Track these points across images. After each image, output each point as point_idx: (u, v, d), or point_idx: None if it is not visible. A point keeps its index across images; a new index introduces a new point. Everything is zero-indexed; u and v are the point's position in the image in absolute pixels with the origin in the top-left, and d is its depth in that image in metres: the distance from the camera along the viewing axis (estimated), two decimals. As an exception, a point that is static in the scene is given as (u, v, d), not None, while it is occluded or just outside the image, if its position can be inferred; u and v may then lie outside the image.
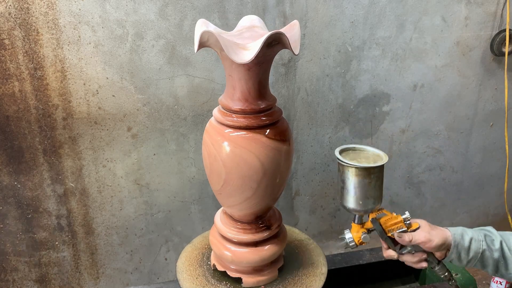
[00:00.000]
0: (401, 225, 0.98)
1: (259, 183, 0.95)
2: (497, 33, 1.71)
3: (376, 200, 0.98)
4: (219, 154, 0.94)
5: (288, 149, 0.98)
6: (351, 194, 0.97)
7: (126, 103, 1.45)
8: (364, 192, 0.96)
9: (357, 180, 0.95)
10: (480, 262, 0.95)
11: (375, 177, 0.95)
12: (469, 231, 0.96)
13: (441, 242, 0.94)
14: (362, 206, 0.97)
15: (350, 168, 0.95)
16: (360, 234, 1.01)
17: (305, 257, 1.19)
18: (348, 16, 1.55)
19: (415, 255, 0.99)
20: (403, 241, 0.97)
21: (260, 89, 0.93)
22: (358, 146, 1.03)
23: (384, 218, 0.99)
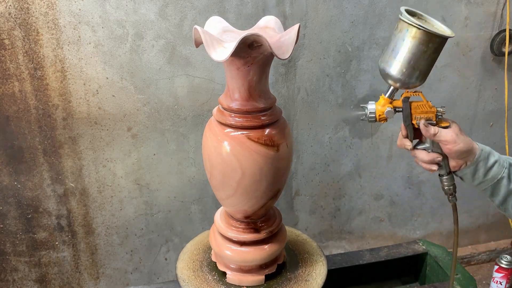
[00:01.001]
0: (431, 116, 0.90)
1: (238, 183, 0.95)
2: (497, 33, 1.71)
3: (420, 75, 0.87)
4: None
5: (276, 155, 0.94)
6: (398, 58, 0.85)
7: (126, 103, 1.45)
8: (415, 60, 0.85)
9: (413, 44, 0.83)
10: (492, 188, 0.90)
11: (432, 48, 0.84)
12: (496, 154, 0.90)
13: (465, 148, 0.87)
14: (404, 76, 0.86)
15: (411, 27, 0.83)
16: (384, 109, 0.92)
17: (305, 257, 1.19)
18: (348, 16, 1.55)
19: (430, 154, 0.92)
20: (427, 132, 0.89)
21: (257, 89, 0.93)
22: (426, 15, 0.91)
23: (416, 102, 0.91)
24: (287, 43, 0.84)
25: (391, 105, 0.92)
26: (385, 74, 0.89)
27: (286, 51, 0.83)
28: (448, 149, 0.89)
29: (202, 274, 1.12)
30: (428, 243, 1.45)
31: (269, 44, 0.80)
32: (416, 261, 1.43)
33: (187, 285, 1.08)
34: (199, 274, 1.12)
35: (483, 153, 0.88)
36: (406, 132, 0.93)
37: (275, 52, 0.81)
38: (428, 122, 0.90)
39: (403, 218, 1.99)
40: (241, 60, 0.86)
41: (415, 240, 1.48)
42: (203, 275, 1.12)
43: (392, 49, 0.86)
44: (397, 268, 1.43)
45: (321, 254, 1.19)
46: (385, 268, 1.40)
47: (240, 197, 0.98)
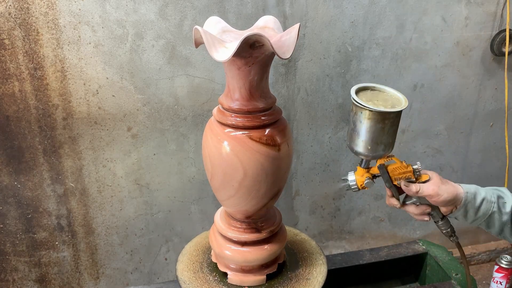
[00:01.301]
0: (409, 175, 0.92)
1: (240, 184, 0.95)
2: (497, 33, 1.71)
3: (386, 147, 0.91)
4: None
5: (278, 155, 0.94)
6: (360, 138, 0.90)
7: (126, 103, 1.45)
8: (375, 137, 0.89)
9: (370, 124, 0.87)
10: (486, 223, 0.92)
11: (389, 123, 0.88)
12: (482, 191, 0.92)
13: (450, 198, 0.89)
14: (370, 152, 0.91)
15: (364, 110, 0.86)
16: (364, 178, 0.95)
17: (304, 256, 1.19)
18: (348, 16, 1.55)
19: (419, 207, 0.94)
20: (410, 191, 0.92)
21: (258, 89, 0.93)
22: (379, 86, 0.94)
23: (392, 165, 0.94)
24: (288, 43, 0.84)
25: (369, 174, 0.96)
26: (355, 152, 0.94)
27: (287, 51, 0.83)
28: (434, 202, 0.92)
29: (203, 275, 1.12)
30: (428, 243, 1.45)
31: (271, 43, 0.80)
32: (416, 261, 1.43)
33: (188, 286, 1.08)
34: (199, 275, 1.12)
35: (469, 195, 0.91)
36: (391, 192, 0.96)
37: (277, 51, 0.81)
38: (408, 181, 0.93)
39: (403, 218, 1.99)
40: (242, 60, 0.87)
41: (415, 240, 1.48)
42: (204, 276, 1.12)
43: (354, 130, 0.91)
44: (397, 268, 1.43)
45: (321, 253, 1.19)
46: (385, 268, 1.40)
47: (242, 197, 0.98)
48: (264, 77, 0.93)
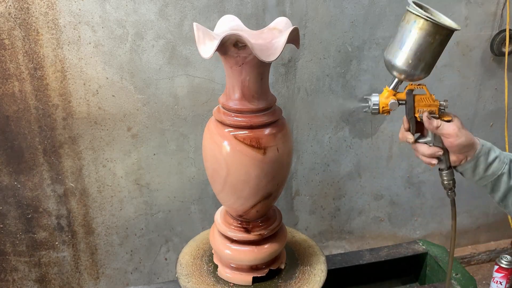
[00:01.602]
0: (434, 109, 0.90)
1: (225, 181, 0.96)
2: (497, 33, 1.71)
3: (426, 67, 0.88)
4: (210, 149, 0.96)
5: (263, 158, 0.93)
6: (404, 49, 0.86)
7: (126, 103, 1.45)
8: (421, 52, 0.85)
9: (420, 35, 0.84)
10: (492, 184, 0.90)
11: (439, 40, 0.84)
12: (497, 150, 0.90)
13: (466, 142, 0.88)
14: (409, 67, 0.87)
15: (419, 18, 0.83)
16: (388, 100, 0.92)
17: (304, 257, 1.19)
18: (348, 16, 1.55)
19: (431, 148, 0.92)
20: (430, 125, 0.89)
21: (252, 89, 0.93)
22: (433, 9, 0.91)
23: (420, 95, 0.91)
24: (275, 46, 0.84)
25: (395, 97, 0.92)
26: (391, 65, 0.89)
27: (271, 54, 0.83)
28: (450, 143, 0.89)
29: (199, 263, 1.15)
30: (428, 243, 1.45)
31: (252, 45, 0.80)
32: (416, 261, 1.43)
33: (183, 269, 1.12)
34: (197, 262, 1.15)
35: (484, 149, 0.89)
36: (409, 125, 0.93)
37: (257, 53, 0.81)
38: (431, 115, 0.90)
39: (403, 218, 1.99)
40: (232, 59, 0.88)
41: (415, 240, 1.48)
42: (200, 263, 1.15)
43: (399, 40, 0.86)
44: (397, 268, 1.43)
45: (321, 253, 1.19)
46: (385, 268, 1.40)
47: (228, 195, 1.00)
48: (259, 78, 0.92)
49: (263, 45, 0.85)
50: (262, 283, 1.09)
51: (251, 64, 0.89)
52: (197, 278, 1.10)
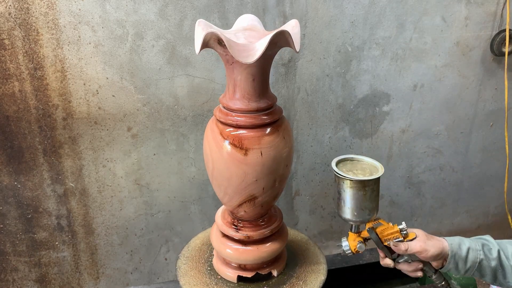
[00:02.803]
0: (397, 235, 0.99)
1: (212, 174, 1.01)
2: (497, 33, 1.71)
3: (371, 211, 1.00)
4: (205, 141, 0.96)
5: (244, 159, 0.93)
6: (346, 205, 0.99)
7: (126, 103, 1.45)
8: (359, 204, 0.98)
9: (352, 192, 0.97)
10: (478, 271, 0.96)
11: (370, 189, 0.97)
12: (466, 241, 0.97)
13: (437, 252, 0.95)
14: (357, 217, 1.00)
15: (345, 180, 0.97)
16: (356, 243, 1.03)
17: (304, 257, 1.19)
18: (348, 16, 1.55)
19: (411, 264, 1.01)
20: (399, 250, 0.99)
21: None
22: (356, 156, 1.05)
23: (380, 227, 1.01)
24: (256, 48, 0.84)
25: (360, 238, 1.04)
26: (343, 219, 1.03)
27: (249, 56, 0.83)
28: (423, 257, 0.98)
29: (199, 252, 1.20)
30: (428, 243, 1.44)
31: (230, 44, 0.81)
32: (416, 261, 1.43)
33: (182, 255, 1.18)
34: (197, 251, 1.20)
35: (454, 246, 0.96)
36: (384, 253, 1.03)
37: (234, 54, 0.82)
38: (397, 241, 0.99)
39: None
40: (223, 58, 0.90)
41: (415, 240, 1.48)
42: (200, 253, 1.20)
43: (340, 198, 1.00)
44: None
45: (321, 254, 1.19)
46: (385, 268, 1.40)
47: (216, 188, 1.03)
48: (249, 79, 0.91)
49: (242, 46, 0.85)
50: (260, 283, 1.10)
51: (240, 64, 0.89)
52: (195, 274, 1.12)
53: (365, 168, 1.02)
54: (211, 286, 1.09)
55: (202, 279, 1.11)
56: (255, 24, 1.00)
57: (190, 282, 1.09)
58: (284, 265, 1.16)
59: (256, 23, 1.00)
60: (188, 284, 1.09)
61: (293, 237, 1.28)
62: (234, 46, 0.83)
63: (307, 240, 1.27)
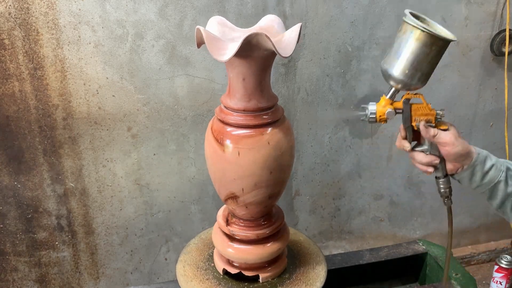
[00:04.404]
0: (431, 118, 0.92)
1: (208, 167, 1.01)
2: (497, 33, 1.71)
3: (422, 77, 0.89)
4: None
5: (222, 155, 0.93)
6: (401, 59, 0.87)
7: (126, 103, 1.45)
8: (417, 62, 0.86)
9: (417, 46, 0.85)
10: (489, 191, 0.91)
11: (435, 51, 0.86)
12: (493, 158, 0.92)
13: (463, 151, 0.89)
14: (406, 77, 0.88)
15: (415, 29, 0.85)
16: (385, 109, 0.93)
17: (304, 257, 1.18)
18: (348, 16, 1.55)
19: (427, 156, 0.93)
20: (427, 133, 0.90)
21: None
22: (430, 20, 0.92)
23: (417, 104, 0.92)
24: (231, 47, 0.84)
25: (392, 106, 0.93)
26: (388, 75, 0.90)
27: (224, 54, 0.83)
28: (446, 151, 0.90)
29: (201, 246, 1.21)
30: (428, 243, 1.45)
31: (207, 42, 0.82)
32: (416, 261, 1.43)
33: (185, 248, 1.20)
34: (199, 245, 1.21)
35: (480, 157, 0.90)
36: (405, 133, 0.94)
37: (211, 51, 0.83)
38: (428, 124, 0.91)
39: (403, 218, 1.99)
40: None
41: (415, 240, 1.48)
42: (202, 247, 1.21)
43: (396, 50, 0.87)
44: (397, 268, 1.43)
45: (321, 254, 1.19)
46: (385, 268, 1.40)
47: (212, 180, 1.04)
48: (241, 78, 0.91)
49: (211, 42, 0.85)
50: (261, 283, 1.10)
51: (230, 63, 0.89)
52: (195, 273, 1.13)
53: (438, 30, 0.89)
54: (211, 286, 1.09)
55: (202, 279, 1.11)
56: (272, 25, 1.00)
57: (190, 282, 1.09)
58: (285, 265, 1.16)
59: (275, 24, 1.00)
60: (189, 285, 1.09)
61: (293, 237, 1.28)
62: (215, 44, 0.84)
63: (307, 239, 1.26)
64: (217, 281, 1.10)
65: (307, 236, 1.29)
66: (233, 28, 0.99)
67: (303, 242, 1.25)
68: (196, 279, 1.10)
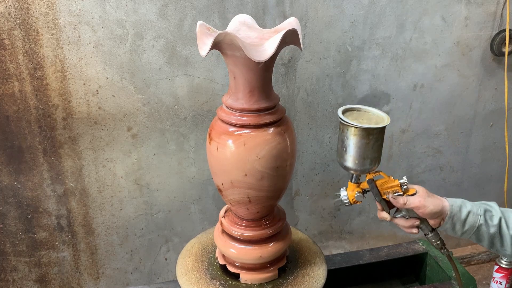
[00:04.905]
0: (397, 189, 0.98)
1: None
2: (497, 33, 1.71)
3: (372, 161, 0.98)
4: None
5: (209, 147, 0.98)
6: (349, 153, 0.97)
7: (126, 103, 1.45)
8: (362, 152, 0.96)
9: (356, 140, 0.95)
10: (475, 236, 0.95)
11: (373, 138, 0.95)
12: (468, 204, 0.96)
13: (435, 210, 0.94)
14: (358, 166, 0.98)
15: (349, 127, 0.95)
16: (354, 193, 1.01)
17: (305, 257, 1.19)
18: (348, 16, 1.55)
19: (408, 220, 0.99)
20: (397, 203, 0.97)
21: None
22: (363, 107, 1.02)
23: (381, 180, 0.99)
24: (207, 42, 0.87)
25: (359, 188, 1.02)
26: (344, 167, 1.01)
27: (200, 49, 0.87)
28: (421, 213, 0.96)
29: (201, 246, 1.22)
30: (428, 243, 1.45)
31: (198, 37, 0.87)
32: (416, 261, 1.43)
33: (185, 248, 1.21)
34: (199, 245, 1.23)
35: (454, 208, 0.94)
36: (381, 206, 1.01)
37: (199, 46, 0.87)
38: (397, 194, 0.98)
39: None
40: None
41: (415, 240, 1.48)
42: (202, 246, 1.22)
43: (343, 146, 0.98)
44: (397, 268, 1.43)
45: (321, 254, 1.19)
46: (385, 268, 1.40)
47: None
48: (231, 77, 0.93)
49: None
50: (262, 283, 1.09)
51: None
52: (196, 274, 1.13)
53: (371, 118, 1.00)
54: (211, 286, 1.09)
55: (202, 279, 1.11)
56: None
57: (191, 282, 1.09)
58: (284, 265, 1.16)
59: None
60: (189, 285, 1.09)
61: (293, 237, 1.28)
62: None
63: (307, 239, 1.26)
64: (217, 281, 1.10)
65: (307, 236, 1.29)
66: (251, 27, 0.99)
67: (303, 242, 1.25)
68: (196, 279, 1.10)
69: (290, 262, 1.17)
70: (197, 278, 1.11)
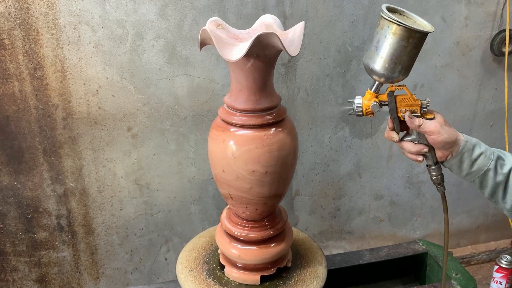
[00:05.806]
0: (416, 108, 0.92)
1: None
2: (497, 33, 1.71)
3: (403, 70, 0.89)
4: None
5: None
6: (381, 54, 0.88)
7: (126, 103, 1.45)
8: (396, 56, 0.87)
9: (394, 40, 0.86)
10: (479, 180, 0.91)
11: (413, 43, 0.86)
12: (483, 146, 0.91)
13: (449, 139, 0.89)
14: (387, 71, 0.89)
15: (392, 24, 0.85)
16: (370, 103, 0.93)
17: (305, 256, 1.18)
18: (348, 16, 1.55)
19: (416, 145, 0.94)
20: (412, 123, 0.91)
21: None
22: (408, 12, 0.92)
23: (402, 96, 0.93)
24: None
25: (377, 99, 0.94)
26: (370, 69, 0.91)
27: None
28: (433, 140, 0.90)
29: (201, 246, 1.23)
30: (428, 243, 1.45)
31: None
32: (416, 261, 1.43)
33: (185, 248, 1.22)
34: (199, 245, 1.23)
35: (468, 145, 0.90)
36: (393, 124, 0.95)
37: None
38: (413, 114, 0.92)
39: (403, 218, 1.99)
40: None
41: (415, 240, 1.48)
42: (202, 246, 1.23)
43: (375, 45, 0.89)
44: (397, 268, 1.43)
45: (321, 254, 1.19)
46: (385, 268, 1.40)
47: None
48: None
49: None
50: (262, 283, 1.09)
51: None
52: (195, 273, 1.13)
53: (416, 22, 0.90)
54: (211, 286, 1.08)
55: (202, 279, 1.11)
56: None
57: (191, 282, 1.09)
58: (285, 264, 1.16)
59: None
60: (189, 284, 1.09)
61: (294, 236, 1.28)
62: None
63: (308, 239, 1.26)
64: (217, 281, 1.10)
65: (307, 236, 1.29)
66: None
67: (303, 242, 1.25)
68: (197, 279, 1.10)
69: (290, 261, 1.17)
70: (197, 278, 1.11)
